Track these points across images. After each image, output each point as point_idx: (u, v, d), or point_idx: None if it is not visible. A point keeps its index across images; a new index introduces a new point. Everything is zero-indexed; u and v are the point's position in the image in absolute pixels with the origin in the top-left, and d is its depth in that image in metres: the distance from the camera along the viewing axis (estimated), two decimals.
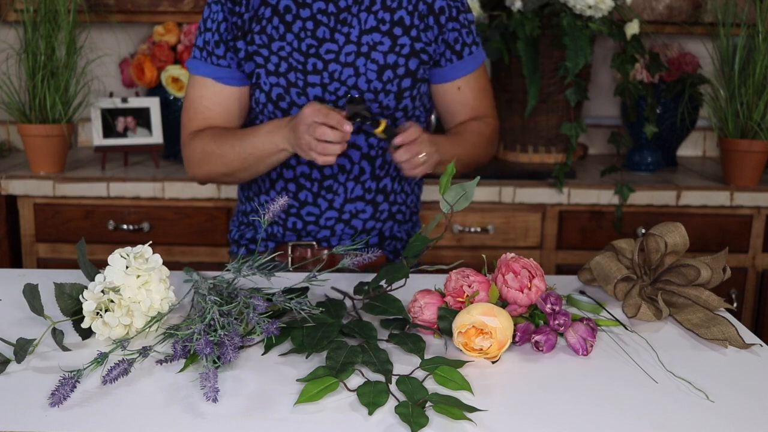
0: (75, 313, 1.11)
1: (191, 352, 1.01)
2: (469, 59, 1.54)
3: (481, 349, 1.04)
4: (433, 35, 1.48)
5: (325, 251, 1.26)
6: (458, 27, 1.50)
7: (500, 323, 1.04)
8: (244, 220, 1.62)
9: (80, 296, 1.08)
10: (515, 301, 1.13)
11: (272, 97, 1.45)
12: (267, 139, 1.41)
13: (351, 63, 1.44)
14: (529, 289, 1.13)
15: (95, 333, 1.07)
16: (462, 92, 1.56)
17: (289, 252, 1.52)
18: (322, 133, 1.30)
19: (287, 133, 1.38)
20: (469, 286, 1.13)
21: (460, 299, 1.13)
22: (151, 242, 1.16)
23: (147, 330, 1.09)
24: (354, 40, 1.43)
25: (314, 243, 1.51)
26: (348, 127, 1.30)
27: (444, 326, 1.10)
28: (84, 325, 1.08)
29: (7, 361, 1.01)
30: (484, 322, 1.03)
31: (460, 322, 1.05)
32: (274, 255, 1.23)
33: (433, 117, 1.66)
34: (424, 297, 1.15)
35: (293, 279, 1.30)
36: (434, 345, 1.10)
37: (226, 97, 1.50)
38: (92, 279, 1.12)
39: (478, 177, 1.23)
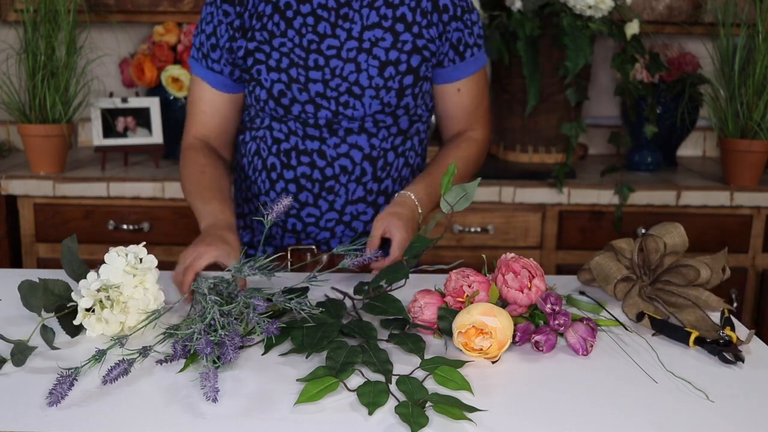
0: (57, 309, 1.11)
1: (191, 352, 1.01)
2: (471, 61, 1.53)
3: (481, 349, 1.04)
4: (436, 32, 1.46)
5: (324, 255, 1.25)
6: (462, 27, 1.48)
7: (500, 323, 1.04)
8: (240, 223, 1.60)
9: (71, 293, 1.09)
10: (515, 301, 1.13)
11: (273, 94, 1.44)
12: (200, 219, 1.38)
13: (353, 59, 1.43)
14: (529, 289, 1.13)
15: (84, 330, 1.08)
16: (461, 95, 1.55)
17: (289, 256, 1.51)
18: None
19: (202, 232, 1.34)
20: (469, 286, 1.13)
21: (460, 299, 1.13)
22: (145, 243, 1.16)
23: (144, 329, 1.09)
24: (356, 36, 1.42)
25: (314, 247, 1.51)
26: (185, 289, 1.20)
27: (444, 326, 1.10)
28: (76, 321, 1.08)
29: (3, 361, 1.01)
30: (484, 322, 1.03)
31: (460, 322, 1.05)
32: (274, 256, 1.23)
33: (433, 118, 1.64)
34: (424, 297, 1.15)
35: (293, 279, 1.30)
36: (434, 345, 1.10)
37: (222, 102, 1.52)
38: (77, 278, 1.12)
39: (479, 178, 1.23)
